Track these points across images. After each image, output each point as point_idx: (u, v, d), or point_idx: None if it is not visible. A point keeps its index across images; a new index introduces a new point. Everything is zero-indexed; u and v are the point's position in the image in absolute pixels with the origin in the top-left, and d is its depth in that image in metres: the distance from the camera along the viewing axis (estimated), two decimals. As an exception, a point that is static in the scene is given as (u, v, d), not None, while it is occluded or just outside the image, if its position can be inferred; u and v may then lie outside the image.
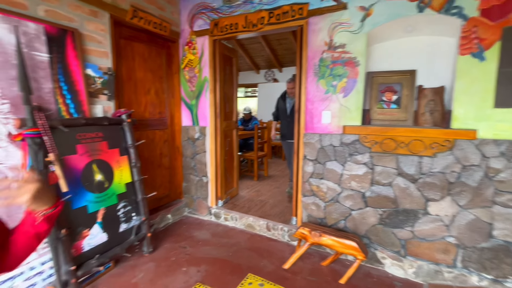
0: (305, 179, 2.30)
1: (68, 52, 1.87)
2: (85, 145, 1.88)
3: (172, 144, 3.05)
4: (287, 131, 3.30)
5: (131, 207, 2.17)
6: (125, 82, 2.46)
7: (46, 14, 1.78)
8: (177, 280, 1.90)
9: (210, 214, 2.93)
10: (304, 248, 2.04)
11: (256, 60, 7.16)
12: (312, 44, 2.18)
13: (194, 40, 2.83)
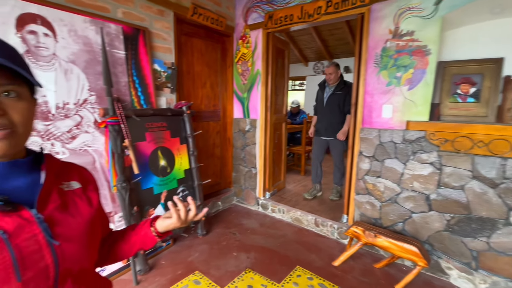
0: (360, 177, 2.19)
1: (140, 49, 2.08)
2: (152, 133, 2.09)
3: (224, 136, 3.19)
4: (321, 126, 2.96)
5: (188, 191, 2.35)
6: (185, 76, 2.64)
7: (123, 16, 2.00)
8: (229, 263, 2.01)
9: (258, 205, 3.00)
10: (356, 248, 1.96)
11: (305, 52, 6.97)
12: (374, 33, 2.03)
13: (248, 34, 2.88)
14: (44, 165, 0.52)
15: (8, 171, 0.47)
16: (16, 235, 0.44)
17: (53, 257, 0.47)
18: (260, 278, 1.85)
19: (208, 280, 1.81)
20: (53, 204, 0.51)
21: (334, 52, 6.66)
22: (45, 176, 0.51)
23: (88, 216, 0.56)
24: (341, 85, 2.81)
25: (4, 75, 0.43)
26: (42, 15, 1.55)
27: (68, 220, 0.51)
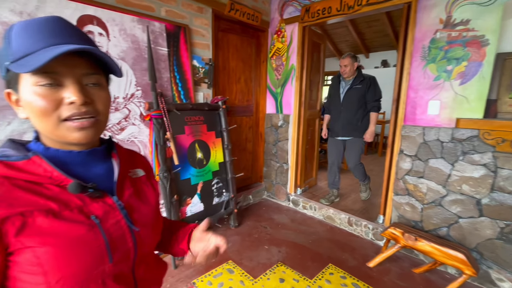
0: (400, 176, 2.08)
1: (181, 45, 2.17)
2: (190, 126, 2.18)
3: (256, 131, 3.22)
4: (337, 125, 2.65)
5: (222, 184, 2.43)
6: (220, 72, 2.70)
7: (166, 14, 2.09)
8: (260, 256, 2.05)
9: (288, 201, 3.00)
10: (393, 250, 1.88)
11: (340, 45, 6.71)
12: (422, 23, 1.89)
13: (283, 28, 2.85)
14: (115, 153, 0.55)
15: (89, 159, 0.50)
16: (105, 221, 0.47)
17: (133, 242, 0.51)
18: (292, 273, 1.86)
19: (241, 270, 1.86)
20: (128, 191, 0.54)
21: (371, 46, 6.34)
22: (119, 164, 0.54)
23: (154, 203, 0.59)
24: (360, 78, 2.55)
25: (90, 65, 0.45)
26: (97, 16, 1.69)
27: (141, 207, 0.55)
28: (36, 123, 0.45)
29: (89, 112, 0.45)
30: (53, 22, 0.43)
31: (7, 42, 0.42)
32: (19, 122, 1.40)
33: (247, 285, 1.72)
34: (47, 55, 0.38)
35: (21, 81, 0.42)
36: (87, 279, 0.44)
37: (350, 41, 6.32)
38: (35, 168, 0.43)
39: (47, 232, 0.41)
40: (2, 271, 0.40)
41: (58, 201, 0.43)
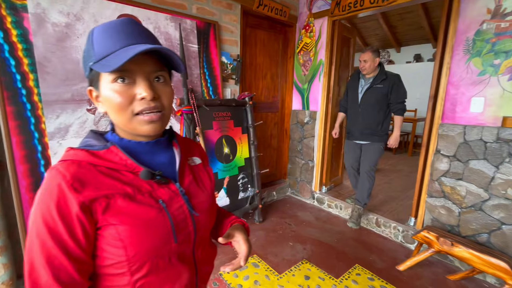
0: (435, 178, 1.97)
1: (211, 42, 2.21)
2: (218, 122, 2.22)
3: (281, 127, 3.21)
4: (355, 128, 2.40)
5: (247, 179, 2.46)
6: (247, 68, 2.71)
7: (197, 11, 2.14)
8: (285, 252, 2.05)
9: (313, 198, 2.97)
10: (426, 254, 1.79)
11: (369, 40, 6.44)
12: (467, 14, 1.76)
13: (312, 23, 2.79)
14: (175, 142, 0.59)
15: (154, 149, 0.55)
16: (170, 205, 0.52)
17: (193, 225, 0.55)
18: (317, 271, 1.84)
19: (266, 265, 1.88)
20: (188, 178, 0.58)
21: (402, 39, 6.02)
22: (180, 153, 0.58)
23: (210, 190, 0.63)
24: (382, 76, 2.22)
25: (157, 62, 0.48)
26: (134, 15, 1.77)
27: (199, 193, 0.59)
28: (113, 117, 0.49)
29: (157, 107, 0.48)
30: (126, 24, 0.48)
31: (90, 44, 0.47)
32: (66, 116, 1.51)
33: (272, 280, 1.74)
34: (124, 56, 0.42)
35: (101, 80, 0.47)
36: (157, 255, 0.49)
37: (380, 35, 6.04)
38: (113, 156, 0.49)
39: (125, 213, 0.46)
40: (93, 242, 0.46)
41: (132, 186, 0.49)
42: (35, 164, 1.42)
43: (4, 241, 1.39)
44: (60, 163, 0.46)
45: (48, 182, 0.44)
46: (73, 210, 0.43)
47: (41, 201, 0.43)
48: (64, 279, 0.43)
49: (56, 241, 0.42)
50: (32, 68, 1.39)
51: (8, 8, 1.31)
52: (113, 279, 0.48)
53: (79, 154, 0.47)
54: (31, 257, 0.43)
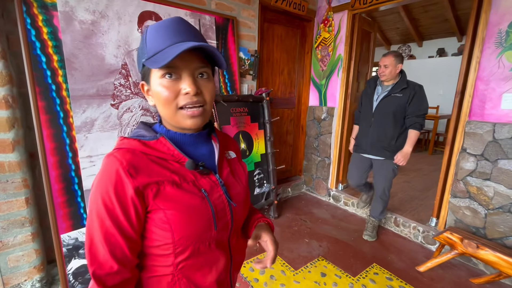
0: (460, 177, 1.89)
1: (229, 38, 2.22)
2: (235, 117, 2.24)
3: (297, 123, 3.18)
4: (366, 139, 2.10)
5: (263, 175, 2.46)
6: (264, 63, 2.70)
7: (216, 7, 2.14)
8: (301, 248, 2.05)
9: (329, 196, 2.93)
10: (449, 256, 1.73)
11: (388, 34, 6.22)
12: (500, 4, 1.65)
13: (331, 17, 2.73)
14: (214, 136, 0.62)
15: (197, 141, 0.58)
16: (211, 194, 0.54)
17: (231, 215, 0.58)
18: (333, 268, 1.83)
19: (282, 260, 1.89)
20: (226, 170, 0.61)
21: (425, 33, 5.77)
22: (219, 146, 0.61)
23: (245, 183, 0.65)
24: (402, 85, 1.92)
25: (201, 58, 0.51)
26: (155, 12, 1.80)
27: (236, 185, 0.61)
28: (160, 110, 0.53)
29: (199, 102, 0.51)
30: (176, 23, 0.50)
31: (144, 42, 0.51)
32: (92, 110, 1.57)
33: (288, 276, 1.74)
34: (172, 53, 0.45)
35: (152, 75, 0.51)
36: (199, 240, 0.53)
37: (401, 29, 5.81)
38: (162, 146, 0.52)
39: (173, 199, 0.50)
40: (143, 224, 0.50)
41: (179, 175, 0.52)
42: (63, 156, 1.49)
43: (36, 228, 1.48)
44: (117, 151, 0.50)
45: (107, 167, 0.48)
46: (129, 193, 0.47)
47: (100, 184, 0.47)
48: (118, 255, 0.48)
49: (113, 220, 0.47)
50: (61, 65, 1.46)
51: (39, 7, 1.37)
52: (158, 260, 0.53)
53: (132, 143, 0.51)
54: (91, 234, 0.48)
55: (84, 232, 1.55)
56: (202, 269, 0.56)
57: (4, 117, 1.30)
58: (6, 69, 1.30)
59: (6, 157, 1.33)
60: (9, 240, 1.39)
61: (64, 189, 1.49)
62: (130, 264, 0.50)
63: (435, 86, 5.50)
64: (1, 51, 1.27)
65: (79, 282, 1.53)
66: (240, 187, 0.62)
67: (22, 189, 1.39)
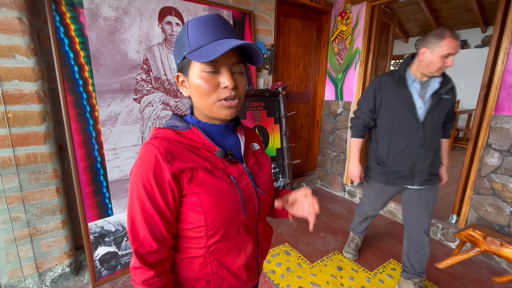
0: (484, 174, 1.83)
1: (246, 32, 2.22)
2: (252, 112, 2.25)
3: (312, 118, 3.16)
4: (404, 163, 1.42)
5: (279, 169, 2.48)
6: (280, 57, 2.69)
7: (233, 1, 2.15)
8: (316, 242, 2.06)
9: (344, 191, 2.92)
10: (470, 254, 1.69)
11: (407, 26, 6.02)
12: (532, -8, 1.57)
13: (349, 9, 2.67)
14: (240, 128, 0.65)
15: (225, 131, 0.61)
16: (239, 181, 0.58)
17: (258, 202, 0.61)
18: (350, 262, 1.83)
19: (298, 254, 1.91)
20: (251, 160, 0.64)
21: (446, 24, 5.53)
22: (244, 137, 0.64)
23: (269, 172, 0.68)
24: (447, 81, 1.38)
25: (238, 55, 0.53)
26: (175, 7, 1.82)
27: (261, 174, 0.64)
28: (198, 101, 0.55)
29: (235, 95, 0.54)
30: (216, 19, 0.53)
31: (185, 36, 0.53)
32: (116, 104, 1.63)
33: (305, 268, 1.77)
34: (219, 49, 0.47)
35: (191, 68, 0.53)
36: (230, 224, 0.56)
37: (420, 20, 5.61)
38: (194, 136, 0.56)
39: (205, 184, 0.53)
40: (179, 207, 0.54)
41: (210, 162, 0.56)
42: (90, 149, 1.55)
43: (65, 216, 1.57)
44: (153, 139, 0.53)
45: (146, 154, 0.51)
46: (166, 178, 0.50)
47: (140, 169, 0.51)
48: (157, 235, 0.52)
49: (153, 203, 0.51)
50: (87, 60, 1.51)
51: (67, 5, 1.43)
52: (191, 242, 0.57)
53: (167, 132, 0.55)
54: (132, 216, 0.52)
55: (109, 221, 1.63)
56: (232, 252, 0.59)
57: (36, 111, 1.37)
58: (38, 65, 1.36)
59: (39, 149, 1.40)
60: (42, 226, 1.48)
61: (91, 180, 1.57)
62: (168, 244, 0.54)
63: (456, 79, 5.21)
64: (33, 48, 1.34)
65: (105, 268, 1.62)
66: (265, 176, 0.65)
67: (53, 179, 1.47)
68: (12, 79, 1.29)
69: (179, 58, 0.55)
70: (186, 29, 0.53)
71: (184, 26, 0.54)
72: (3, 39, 1.25)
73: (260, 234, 0.66)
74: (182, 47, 0.53)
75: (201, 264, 0.57)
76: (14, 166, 1.35)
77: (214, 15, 0.53)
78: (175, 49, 0.56)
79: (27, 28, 1.30)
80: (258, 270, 0.69)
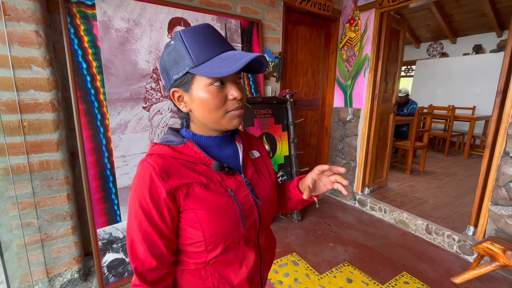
0: (502, 183, 1.75)
1: (254, 41, 2.24)
2: (259, 119, 2.25)
3: (321, 125, 3.13)
4: None
5: (286, 177, 2.45)
6: (288, 65, 2.69)
7: (241, 11, 2.18)
8: (325, 252, 2.01)
9: (354, 200, 2.85)
10: (489, 268, 1.60)
11: (418, 31, 5.94)
12: (549, -5, 1.51)
13: (357, 16, 2.66)
14: (238, 137, 0.65)
15: (222, 142, 0.60)
16: (238, 194, 0.57)
17: (258, 213, 0.60)
18: (360, 274, 1.77)
19: (306, 264, 1.87)
20: (250, 170, 0.63)
21: (460, 28, 5.43)
22: (243, 145, 0.63)
23: (270, 181, 0.66)
24: None
25: None
26: (184, 18, 1.87)
27: (261, 184, 0.63)
28: (203, 115, 0.54)
29: (241, 105, 0.55)
30: (211, 29, 0.52)
31: (182, 49, 0.50)
32: (125, 113, 1.67)
33: (313, 279, 1.72)
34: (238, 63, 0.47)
35: (195, 82, 0.51)
36: (228, 238, 0.55)
37: (432, 25, 5.53)
38: (189, 150, 0.55)
39: (201, 199, 0.53)
40: (177, 223, 0.54)
41: (206, 176, 0.55)
42: (100, 156, 1.59)
43: (75, 222, 1.60)
44: (149, 157, 0.53)
45: (142, 173, 0.52)
46: (162, 196, 0.50)
47: (137, 188, 0.51)
48: (156, 253, 0.52)
49: (150, 221, 0.51)
50: (99, 70, 1.56)
51: (81, 18, 1.49)
52: (192, 256, 0.56)
53: (162, 149, 0.54)
54: (131, 234, 0.52)
55: (117, 228, 1.65)
56: (233, 265, 0.58)
57: (50, 119, 1.42)
58: (53, 76, 1.42)
59: (52, 156, 1.45)
60: (53, 232, 1.51)
61: (100, 186, 1.59)
62: (167, 261, 0.54)
63: (471, 85, 5.14)
64: (48, 59, 1.39)
65: (112, 274, 1.63)
66: (266, 185, 0.63)
67: (64, 185, 1.51)
68: (28, 89, 1.35)
69: (176, 73, 0.52)
70: (181, 41, 0.50)
71: (176, 39, 0.51)
72: (21, 51, 1.31)
73: (262, 245, 0.64)
74: (180, 62, 0.50)
75: (201, 278, 0.57)
76: (28, 172, 1.40)
77: (206, 25, 0.52)
78: (168, 64, 0.52)
79: (43, 41, 1.36)
80: (261, 283, 0.68)
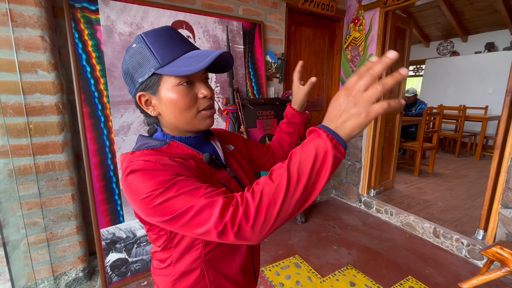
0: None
1: (256, 42, 2.25)
2: (262, 121, 2.25)
3: (326, 126, 3.09)
4: None
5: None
6: (292, 66, 2.68)
7: (243, 13, 2.19)
8: (329, 255, 1.98)
9: (360, 202, 2.80)
10: (498, 274, 1.54)
11: (427, 30, 5.81)
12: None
13: (361, 16, 2.63)
14: (211, 135, 0.65)
15: (199, 141, 0.60)
16: (229, 186, 0.58)
17: None
18: (363, 278, 1.74)
19: (308, 266, 1.84)
20: (233, 163, 0.64)
21: (471, 26, 5.29)
22: (220, 144, 0.64)
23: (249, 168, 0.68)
24: None
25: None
26: (186, 21, 1.89)
27: (243, 176, 0.64)
28: (174, 117, 0.52)
29: (212, 104, 0.56)
30: (174, 31, 0.52)
31: (146, 51, 0.48)
32: (128, 115, 1.70)
33: (315, 282, 1.69)
34: (204, 61, 0.47)
35: (162, 83, 0.50)
36: None
37: (442, 24, 5.40)
38: (175, 149, 0.54)
39: None
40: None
41: (199, 170, 0.53)
42: (104, 157, 1.62)
43: (79, 222, 1.63)
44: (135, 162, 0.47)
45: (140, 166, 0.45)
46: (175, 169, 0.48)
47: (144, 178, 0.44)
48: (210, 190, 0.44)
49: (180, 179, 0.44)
50: (102, 74, 1.60)
51: (85, 23, 1.53)
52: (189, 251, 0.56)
53: (146, 153, 0.50)
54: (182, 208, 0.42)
55: (120, 228, 1.67)
56: (227, 256, 0.59)
57: (55, 122, 1.46)
58: (58, 79, 1.46)
59: (57, 157, 1.49)
60: (58, 232, 1.55)
61: (104, 187, 1.63)
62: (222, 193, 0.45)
63: (483, 84, 4.98)
64: (54, 63, 1.43)
65: (115, 274, 1.65)
66: (249, 179, 0.65)
67: (69, 186, 1.54)
68: (34, 92, 1.39)
69: (141, 76, 0.49)
70: (143, 43, 0.48)
71: (138, 41, 0.49)
72: (27, 56, 1.35)
73: None
74: (144, 63, 0.48)
75: (198, 277, 0.57)
76: (34, 173, 1.44)
77: (168, 27, 0.52)
78: (132, 67, 0.50)
79: (48, 46, 1.40)
80: (254, 273, 0.69)
